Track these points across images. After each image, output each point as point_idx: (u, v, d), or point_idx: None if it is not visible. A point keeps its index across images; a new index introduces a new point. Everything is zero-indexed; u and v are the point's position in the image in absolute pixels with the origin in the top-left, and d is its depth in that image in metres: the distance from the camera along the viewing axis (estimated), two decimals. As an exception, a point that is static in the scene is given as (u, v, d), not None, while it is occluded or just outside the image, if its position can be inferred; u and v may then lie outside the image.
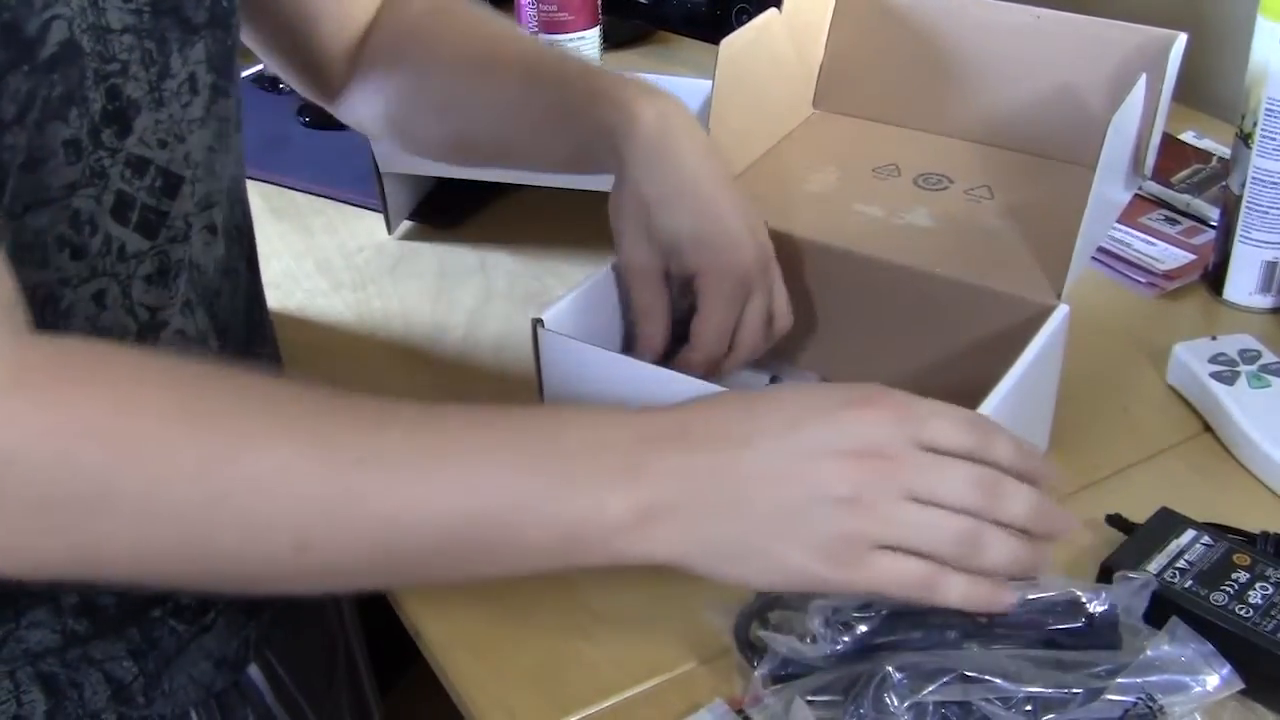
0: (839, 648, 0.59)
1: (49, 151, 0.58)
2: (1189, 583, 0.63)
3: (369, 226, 1.04)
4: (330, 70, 0.83)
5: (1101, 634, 0.59)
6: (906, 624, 0.59)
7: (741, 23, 0.84)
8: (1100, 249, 0.94)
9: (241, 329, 0.73)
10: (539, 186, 0.99)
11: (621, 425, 0.54)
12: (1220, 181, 0.99)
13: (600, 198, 0.95)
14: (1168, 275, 0.93)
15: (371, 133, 0.89)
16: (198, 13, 0.64)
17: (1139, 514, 0.69)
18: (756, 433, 0.54)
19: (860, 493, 0.53)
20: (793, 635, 0.60)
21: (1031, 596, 0.60)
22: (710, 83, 0.81)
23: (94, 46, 0.59)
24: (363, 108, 0.83)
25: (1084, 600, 0.60)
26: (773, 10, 0.86)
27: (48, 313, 0.61)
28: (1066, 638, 0.59)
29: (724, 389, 0.61)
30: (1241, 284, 0.90)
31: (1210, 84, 1.06)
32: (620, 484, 0.53)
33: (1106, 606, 0.60)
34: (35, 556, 0.50)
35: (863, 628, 0.59)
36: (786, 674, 0.60)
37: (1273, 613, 0.61)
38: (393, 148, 0.92)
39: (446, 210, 1.05)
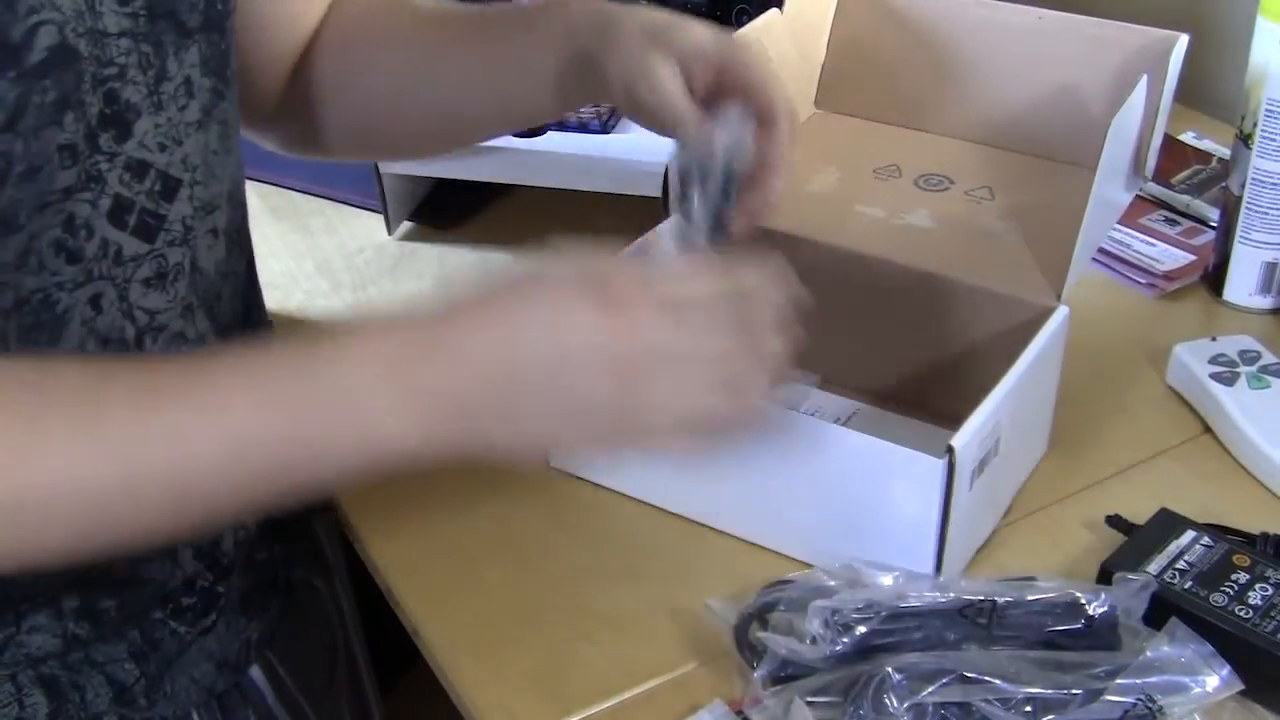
0: (838, 649, 0.59)
1: (45, 157, 0.58)
2: (1189, 584, 0.63)
3: (369, 227, 1.04)
4: (265, 84, 0.79)
5: (1101, 635, 0.59)
6: (906, 624, 0.59)
7: (742, 23, 0.84)
8: (1100, 250, 0.94)
9: (240, 331, 0.73)
10: (539, 187, 0.99)
11: (387, 352, 0.54)
12: (1220, 182, 0.99)
13: (601, 198, 0.95)
14: (1168, 276, 0.93)
15: (317, 146, 0.84)
16: (192, 16, 0.64)
17: (1139, 515, 0.69)
18: (517, 327, 0.54)
19: (626, 391, 0.54)
20: (792, 636, 0.60)
21: (1031, 598, 0.60)
22: (710, 83, 0.80)
23: (91, 51, 0.59)
24: (308, 119, 0.81)
25: (1083, 601, 0.60)
26: (774, 10, 0.86)
27: (44, 317, 0.60)
28: (1066, 639, 0.59)
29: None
30: (1241, 285, 0.90)
31: (1210, 85, 1.06)
32: (400, 408, 0.53)
33: (1106, 608, 0.60)
34: None
35: (862, 629, 0.59)
36: (786, 675, 0.60)
37: (1272, 614, 0.61)
38: (351, 155, 0.90)
39: (446, 210, 1.05)
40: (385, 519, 0.75)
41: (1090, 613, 0.60)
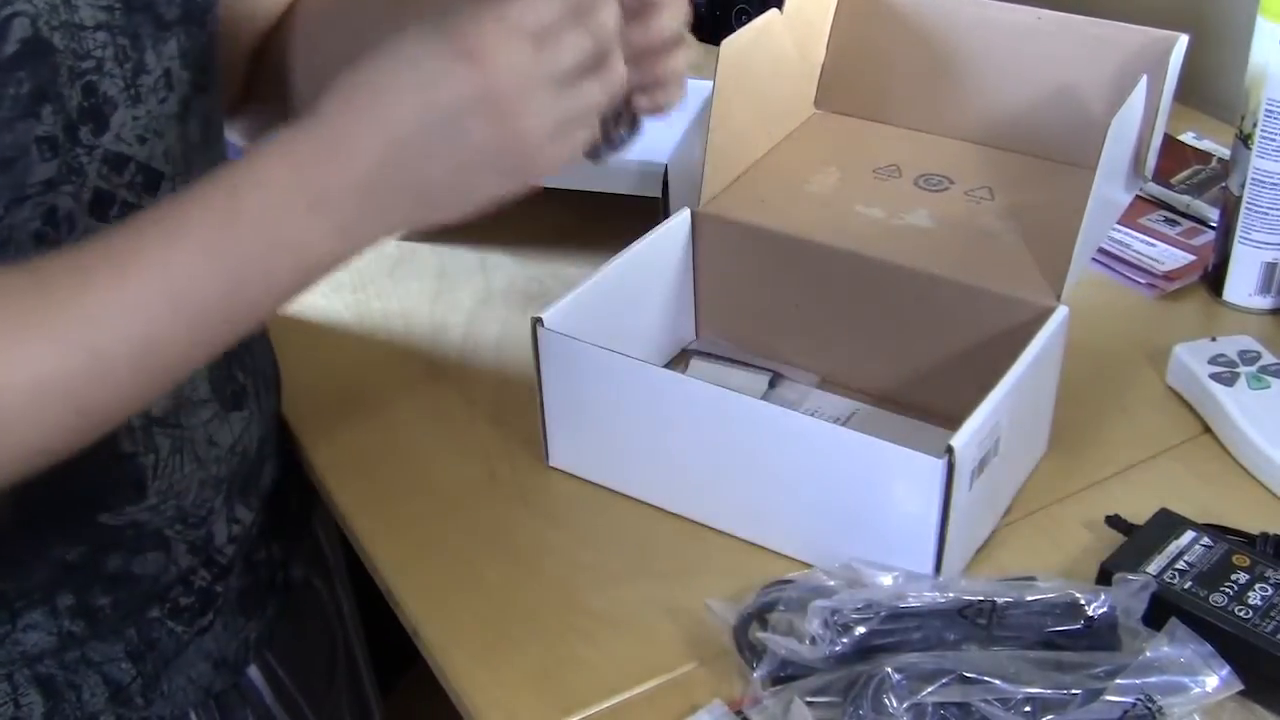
0: (838, 649, 0.59)
1: (21, 149, 0.58)
2: (1188, 584, 0.63)
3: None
4: (229, 75, 0.79)
5: (1100, 636, 0.59)
6: (905, 624, 0.59)
7: (741, 23, 0.84)
8: (1100, 250, 0.94)
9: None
10: (538, 186, 0.98)
11: (285, 169, 0.55)
12: (1220, 182, 0.99)
13: (601, 198, 0.95)
14: (1167, 276, 0.93)
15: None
16: (170, 9, 0.64)
17: (1139, 515, 0.69)
18: (394, 95, 0.54)
19: (508, 127, 0.54)
20: (792, 637, 0.60)
21: (1031, 598, 0.60)
22: (711, 83, 0.80)
23: (66, 44, 0.59)
24: (276, 107, 0.80)
25: (1083, 602, 0.60)
26: (774, 10, 0.86)
27: None
28: (1066, 639, 0.59)
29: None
30: (1241, 285, 0.90)
31: (1210, 85, 1.06)
32: (317, 223, 0.54)
33: (1106, 608, 0.60)
34: None
35: (861, 629, 0.59)
36: (785, 675, 0.60)
37: (1272, 614, 0.61)
38: None
39: (447, 210, 1.05)
40: (385, 519, 0.75)
41: (1090, 613, 0.60)
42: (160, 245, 0.53)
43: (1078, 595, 0.60)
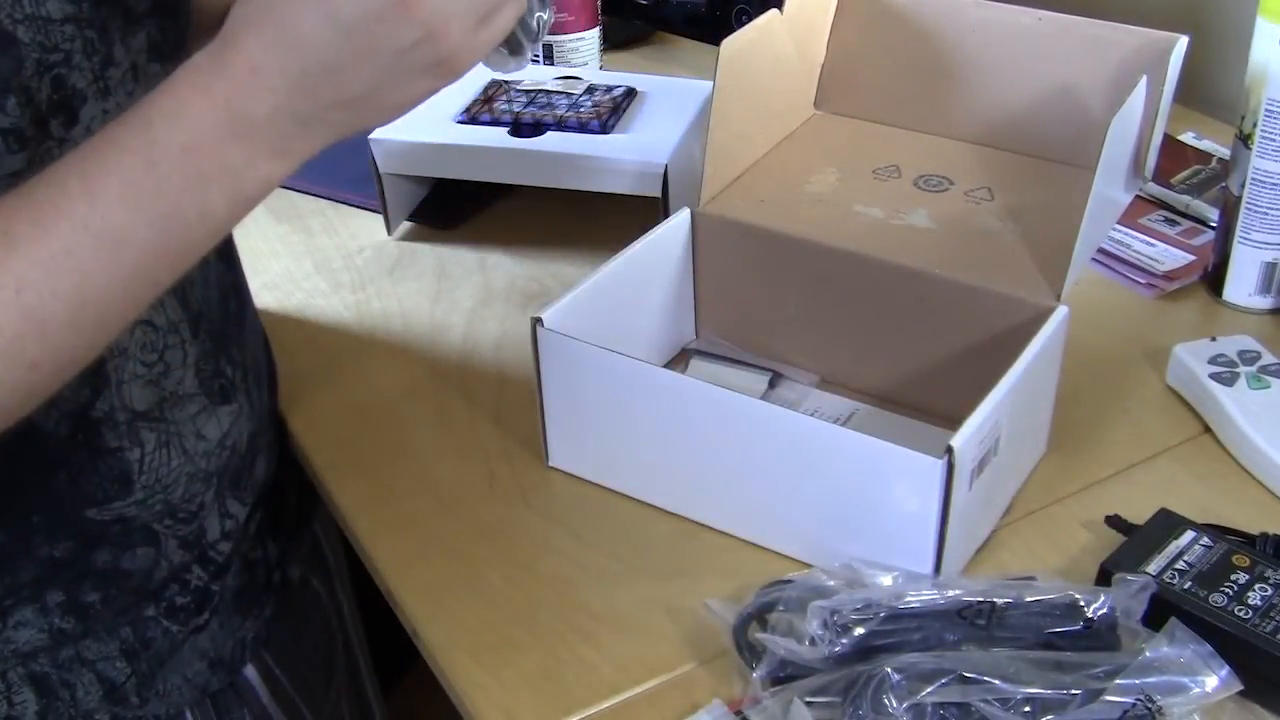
0: (837, 650, 0.59)
1: None
2: (1188, 584, 0.63)
3: (369, 227, 1.04)
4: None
5: (1100, 637, 0.59)
6: (905, 625, 0.59)
7: (741, 24, 0.84)
8: (1100, 250, 0.94)
9: (217, 319, 0.72)
10: (539, 187, 0.99)
11: (210, 110, 0.54)
12: (1220, 182, 0.99)
13: (601, 198, 0.95)
14: (1167, 276, 0.93)
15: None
16: (140, 1, 0.63)
17: (1138, 515, 0.69)
18: (301, 36, 0.54)
19: (415, 24, 0.53)
20: (791, 637, 0.60)
21: (1030, 599, 0.60)
22: (711, 84, 0.80)
23: (33, 37, 0.58)
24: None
25: (1082, 603, 0.60)
26: (774, 11, 0.86)
27: None
28: (1065, 640, 0.59)
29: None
30: (1241, 285, 0.90)
31: (1210, 85, 1.06)
32: (251, 155, 0.54)
33: (1105, 609, 0.60)
34: None
35: (860, 629, 0.59)
36: (785, 675, 0.60)
37: (1272, 614, 0.61)
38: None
39: (446, 211, 1.05)
40: (385, 520, 0.75)
41: (1089, 614, 0.60)
42: (82, 198, 0.52)
43: (1077, 596, 0.60)
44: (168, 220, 0.54)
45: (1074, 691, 0.56)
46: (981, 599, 0.61)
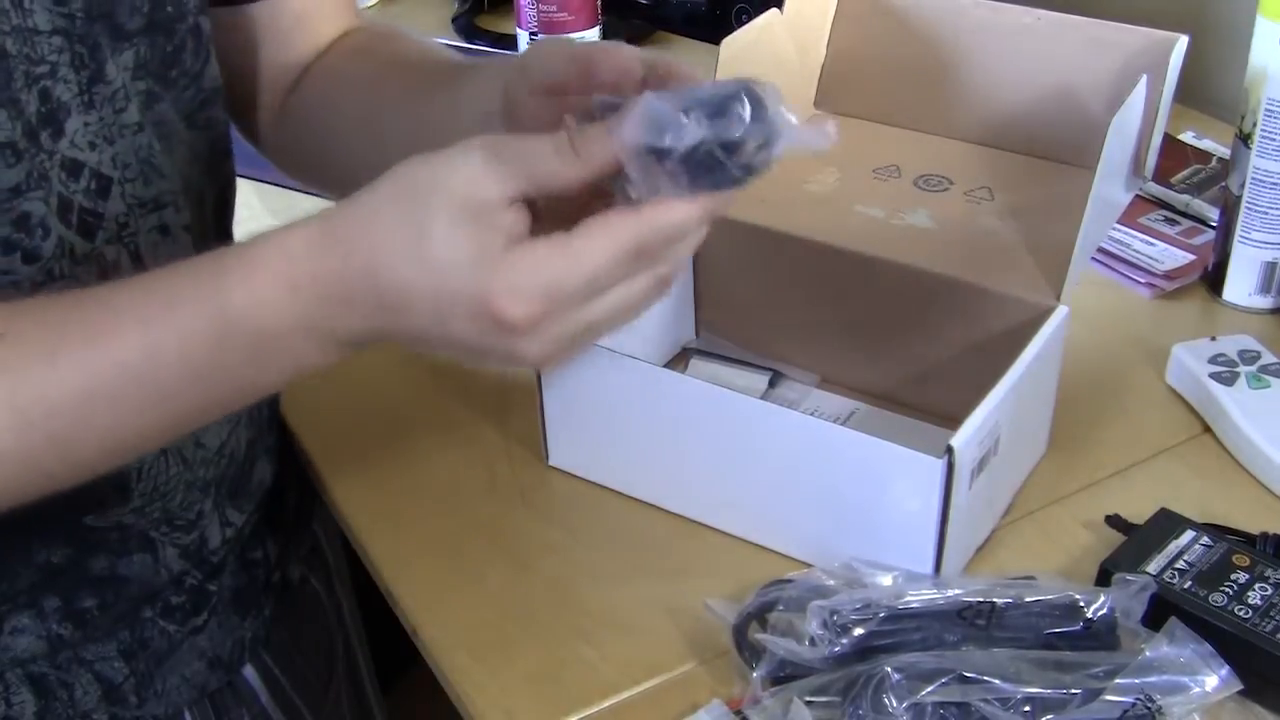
0: (837, 650, 0.59)
1: None
2: (1188, 583, 0.63)
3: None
4: (261, 104, 0.78)
5: (1100, 637, 0.59)
6: (904, 625, 0.59)
7: (741, 23, 0.84)
8: (1100, 249, 0.94)
9: None
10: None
11: (282, 304, 0.53)
12: (1220, 182, 0.99)
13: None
14: (1167, 276, 0.93)
15: (299, 174, 0.83)
16: (133, 19, 0.63)
17: (1138, 515, 0.69)
18: (411, 326, 0.54)
19: (526, 359, 0.54)
20: (791, 637, 0.60)
21: (1030, 599, 0.60)
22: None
23: (20, 49, 0.58)
24: (287, 149, 0.80)
25: (1082, 603, 0.60)
26: (774, 10, 0.86)
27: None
28: (1065, 641, 0.59)
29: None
30: (1241, 285, 0.90)
31: (1210, 84, 1.06)
32: (303, 352, 0.54)
33: (1105, 610, 0.60)
34: None
35: (860, 630, 0.59)
36: (785, 675, 0.60)
37: (1272, 613, 0.61)
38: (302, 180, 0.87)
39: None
40: (385, 519, 0.75)
41: (1089, 615, 0.60)
42: (139, 349, 0.52)
43: (1077, 596, 0.60)
44: (219, 388, 0.54)
45: (1074, 691, 0.56)
46: (981, 599, 0.61)
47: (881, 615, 0.59)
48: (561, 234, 0.51)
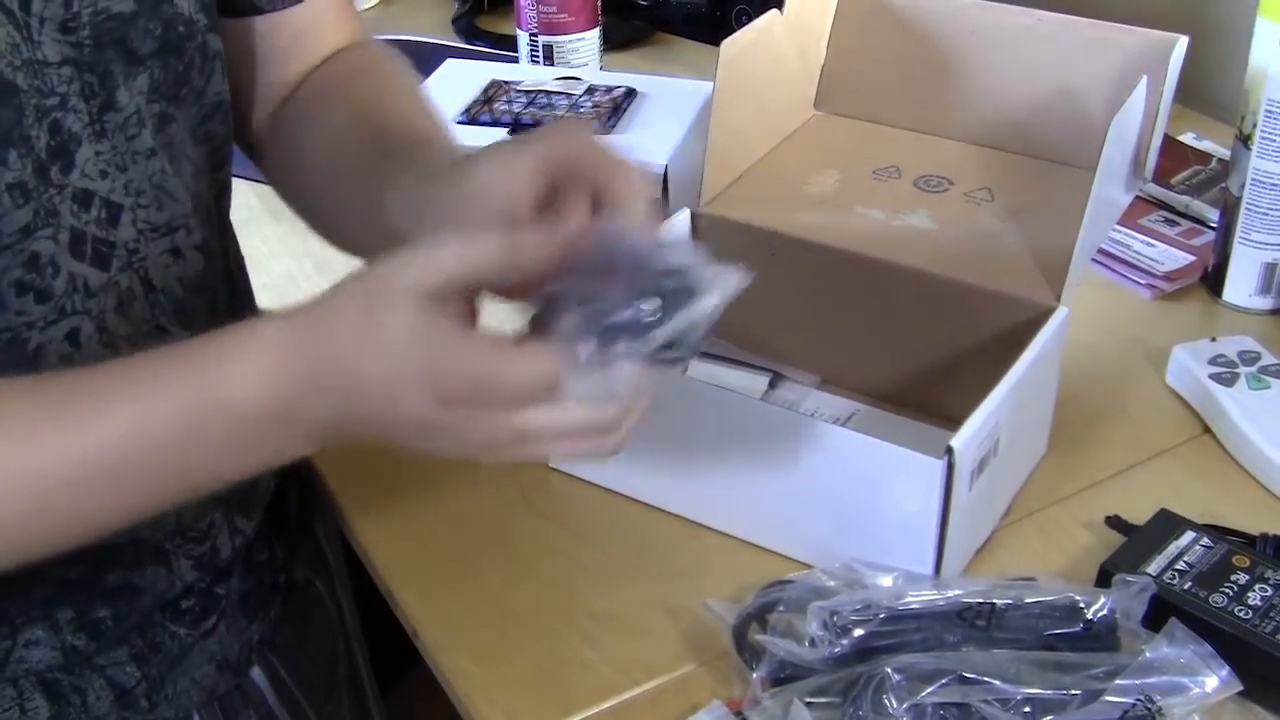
0: (837, 650, 0.59)
1: None
2: (1188, 584, 0.63)
3: (369, 227, 1.04)
4: (254, 118, 0.77)
5: (1100, 639, 0.59)
6: (905, 626, 0.59)
7: (741, 24, 0.84)
8: (1100, 250, 0.94)
9: None
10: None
11: (266, 393, 0.54)
12: (1220, 183, 0.99)
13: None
14: (1167, 277, 0.93)
15: (285, 195, 0.81)
16: (145, 42, 0.62)
17: (1138, 515, 0.69)
18: (358, 412, 0.55)
19: (530, 454, 0.55)
20: (791, 638, 0.60)
21: (1030, 600, 0.60)
22: (711, 84, 0.80)
23: (30, 82, 0.57)
24: (276, 167, 0.79)
25: (1082, 605, 0.60)
26: (774, 11, 0.86)
27: (14, 355, 0.60)
28: (1065, 642, 0.59)
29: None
30: (1241, 285, 0.90)
31: (1210, 85, 1.06)
32: (279, 448, 0.56)
33: (1106, 611, 0.60)
34: None
35: (860, 631, 0.59)
36: (785, 676, 0.60)
37: (1272, 614, 0.61)
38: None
39: (447, 211, 1.05)
40: (385, 520, 0.75)
41: (1089, 616, 0.60)
42: (123, 443, 0.53)
43: (1077, 598, 0.60)
44: (193, 481, 0.56)
45: (1074, 692, 0.56)
46: (981, 600, 0.61)
47: (881, 616, 0.59)
48: (502, 336, 0.53)
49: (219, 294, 0.72)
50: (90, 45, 0.59)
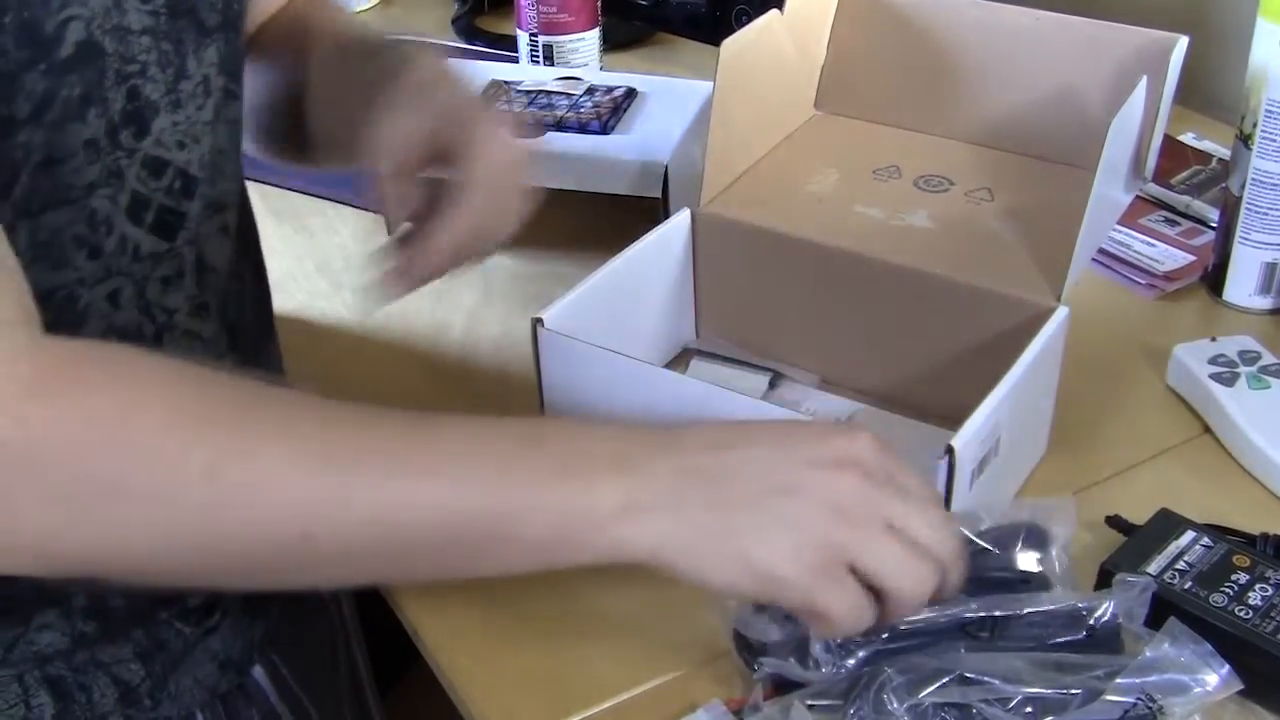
0: (841, 673, 0.58)
1: (69, 151, 0.58)
2: (1189, 584, 0.63)
3: (369, 227, 1.04)
4: None
5: (1103, 644, 0.59)
6: (909, 643, 0.59)
7: (741, 24, 0.84)
8: (1100, 250, 0.94)
9: (253, 332, 0.73)
10: (539, 187, 0.98)
11: (611, 434, 0.57)
12: (1220, 183, 0.99)
13: (601, 198, 0.95)
14: (1167, 276, 0.93)
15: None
16: (211, 15, 0.64)
17: (1139, 515, 0.69)
18: (747, 439, 0.56)
19: (850, 507, 0.54)
20: (791, 659, 0.59)
21: (1031, 610, 0.59)
22: (711, 84, 0.80)
23: (115, 47, 0.59)
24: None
25: (1084, 611, 0.60)
26: (774, 11, 0.86)
27: (65, 314, 0.61)
28: (1068, 649, 0.59)
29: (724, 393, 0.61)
30: (1241, 285, 0.90)
31: (1210, 85, 1.06)
32: (610, 474, 0.55)
33: (1108, 616, 0.59)
34: (54, 550, 0.52)
35: (864, 652, 0.59)
36: (785, 680, 0.60)
37: (1272, 614, 0.61)
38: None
39: (447, 211, 1.05)
40: (385, 519, 0.75)
41: (1091, 622, 0.59)
42: (468, 475, 0.55)
43: (1079, 605, 0.60)
44: (463, 511, 0.56)
45: (1074, 691, 0.56)
46: (983, 614, 0.60)
47: (885, 635, 0.59)
48: None
49: (247, 280, 0.72)
50: (165, 14, 0.61)
